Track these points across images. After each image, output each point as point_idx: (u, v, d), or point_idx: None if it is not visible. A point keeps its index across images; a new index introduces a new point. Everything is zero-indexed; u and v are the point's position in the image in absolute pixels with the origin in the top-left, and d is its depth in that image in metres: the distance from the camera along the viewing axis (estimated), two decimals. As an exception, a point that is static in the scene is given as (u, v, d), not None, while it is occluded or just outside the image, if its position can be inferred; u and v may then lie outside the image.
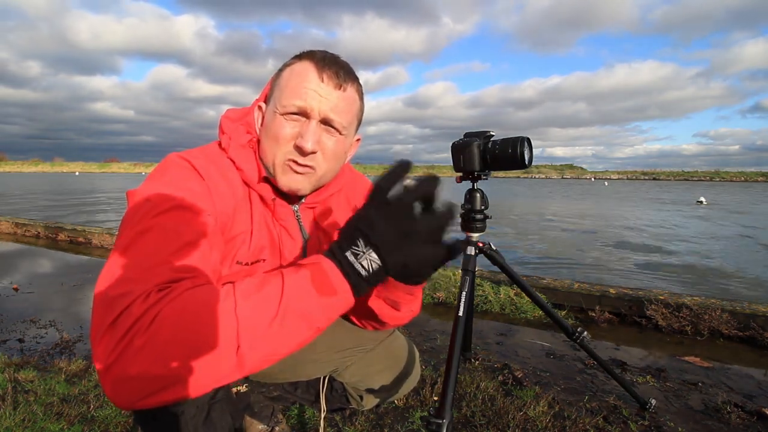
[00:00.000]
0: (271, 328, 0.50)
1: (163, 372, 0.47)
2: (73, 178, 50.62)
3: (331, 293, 0.53)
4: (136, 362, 0.46)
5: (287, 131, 0.72)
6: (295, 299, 0.51)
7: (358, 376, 1.02)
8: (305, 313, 0.52)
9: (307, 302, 0.52)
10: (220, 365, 0.48)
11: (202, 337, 0.48)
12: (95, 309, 0.52)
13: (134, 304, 0.48)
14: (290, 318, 0.51)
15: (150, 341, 0.46)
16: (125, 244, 0.56)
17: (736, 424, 1.42)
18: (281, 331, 0.51)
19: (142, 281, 0.51)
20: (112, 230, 4.87)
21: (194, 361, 0.47)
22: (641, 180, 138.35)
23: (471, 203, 1.30)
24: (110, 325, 0.48)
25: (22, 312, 2.51)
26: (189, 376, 0.47)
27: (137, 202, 0.62)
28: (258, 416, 1.17)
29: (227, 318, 0.49)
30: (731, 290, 3.50)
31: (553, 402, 1.52)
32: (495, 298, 2.70)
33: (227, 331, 0.48)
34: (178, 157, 0.71)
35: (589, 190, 31.80)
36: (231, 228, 0.72)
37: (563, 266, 4.39)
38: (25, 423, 1.32)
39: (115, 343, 0.47)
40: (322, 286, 0.52)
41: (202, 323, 0.48)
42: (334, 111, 0.73)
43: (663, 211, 11.99)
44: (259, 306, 0.50)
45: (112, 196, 14.96)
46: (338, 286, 0.53)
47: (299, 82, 0.72)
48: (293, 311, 0.51)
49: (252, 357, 0.49)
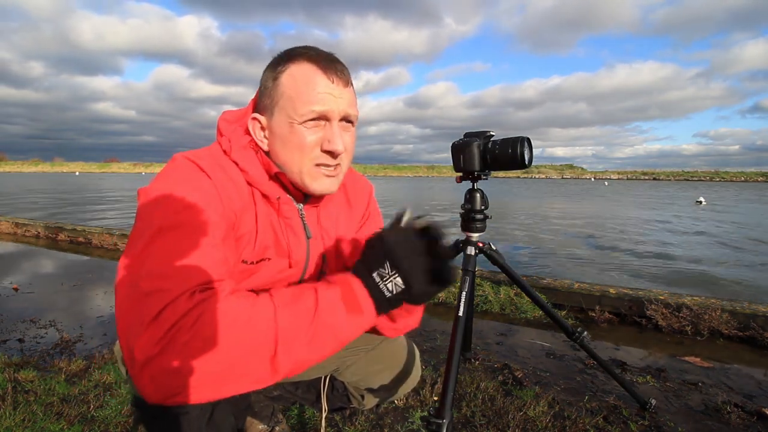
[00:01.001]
0: (305, 338, 0.54)
1: (202, 369, 0.48)
2: (74, 178, 50.63)
3: (358, 312, 0.58)
4: (179, 357, 0.48)
5: (311, 138, 0.73)
6: (327, 314, 0.56)
7: (359, 376, 1.02)
8: (334, 328, 0.56)
9: (337, 318, 0.56)
10: (257, 369, 0.51)
11: (243, 340, 0.50)
12: (125, 302, 0.53)
13: (178, 302, 0.50)
14: (322, 331, 0.55)
15: (194, 338, 0.48)
16: (147, 241, 0.57)
17: (736, 424, 1.42)
18: (313, 343, 0.54)
19: (178, 280, 0.53)
20: (112, 230, 4.87)
21: (233, 363, 0.49)
22: (641, 180, 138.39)
23: (471, 203, 1.30)
24: (153, 319, 0.50)
25: (22, 312, 2.51)
26: (226, 376, 0.49)
27: (153, 199, 0.63)
28: (258, 416, 1.17)
29: (267, 324, 0.52)
30: (729, 290, 3.50)
31: (553, 402, 1.52)
32: (495, 298, 2.70)
33: (266, 337, 0.51)
34: (185, 158, 0.71)
35: (589, 190, 31.80)
36: (238, 227, 0.73)
37: (562, 267, 4.39)
38: (25, 423, 1.32)
39: (160, 336, 0.48)
40: (351, 304, 0.58)
41: (244, 327, 0.50)
42: (350, 107, 0.75)
43: (663, 212, 11.99)
44: (295, 317, 0.54)
45: (119, 195, 14.97)
46: (364, 305, 0.59)
47: (310, 88, 0.71)
48: (324, 325, 0.55)
49: (285, 364, 0.52)
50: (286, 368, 0.53)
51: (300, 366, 0.54)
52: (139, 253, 0.56)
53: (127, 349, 0.51)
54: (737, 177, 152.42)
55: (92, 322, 2.36)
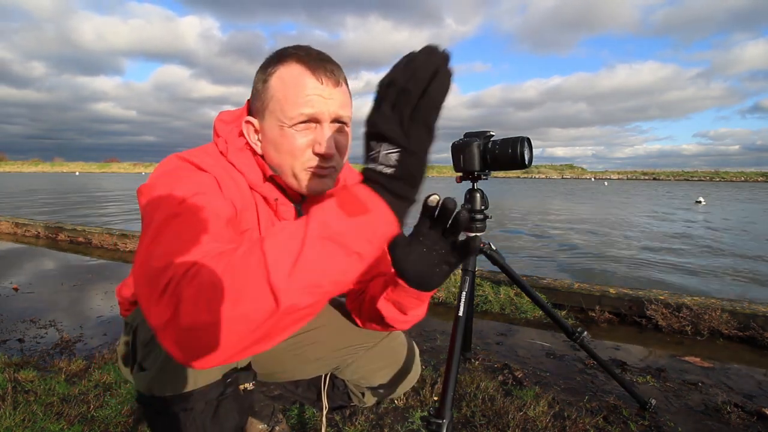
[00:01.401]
0: (300, 256, 0.47)
1: (212, 318, 0.47)
2: (74, 178, 50.62)
3: (363, 211, 0.49)
4: (188, 313, 0.48)
5: (301, 142, 0.72)
6: (321, 225, 0.48)
7: (360, 374, 1.02)
8: (335, 237, 0.48)
9: (337, 225, 0.48)
10: (258, 300, 0.47)
11: (237, 276, 0.48)
12: (142, 285, 0.54)
13: (178, 270, 0.51)
14: (319, 244, 0.48)
15: (197, 291, 0.48)
16: (155, 230, 0.58)
17: (736, 424, 1.42)
18: (312, 259, 0.47)
19: (183, 256, 0.53)
20: (112, 230, 4.87)
21: (235, 302, 0.47)
22: (641, 180, 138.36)
23: (471, 203, 1.30)
24: (163, 289, 0.50)
25: (22, 312, 2.51)
26: (234, 318, 0.48)
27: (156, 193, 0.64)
28: (258, 415, 1.17)
29: (253, 254, 0.48)
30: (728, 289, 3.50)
31: (553, 402, 1.52)
32: (495, 298, 2.70)
33: (255, 266, 0.48)
34: (180, 158, 0.72)
35: (589, 190, 31.80)
36: (240, 222, 0.73)
37: (562, 265, 4.39)
38: (25, 423, 1.32)
39: (167, 301, 0.49)
40: (351, 206, 0.49)
41: (234, 265, 0.49)
42: (342, 108, 0.73)
43: (662, 211, 11.99)
44: (283, 239, 0.49)
45: (119, 195, 14.97)
46: (369, 201, 0.49)
47: (298, 90, 0.71)
48: (321, 237, 0.48)
49: (287, 288, 0.47)
50: (289, 293, 0.47)
51: (311, 288, 0.48)
52: (150, 242, 0.57)
53: (150, 325, 0.52)
54: (737, 177, 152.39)
55: (92, 322, 2.36)
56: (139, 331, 0.78)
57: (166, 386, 0.72)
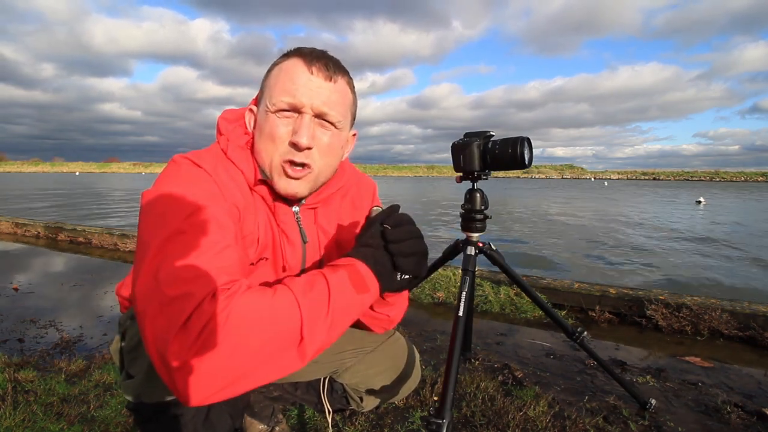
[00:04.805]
0: (325, 322, 0.57)
1: (236, 365, 0.51)
2: (74, 178, 50.60)
3: (365, 290, 0.63)
4: (212, 357, 0.49)
5: (281, 129, 0.71)
6: (339, 296, 0.60)
7: (359, 378, 1.01)
8: (347, 308, 0.61)
9: (349, 299, 0.61)
10: (287, 356, 0.54)
11: (271, 332, 0.53)
12: (150, 309, 0.53)
13: (204, 304, 0.52)
14: (338, 312, 0.59)
15: (226, 338, 0.50)
16: (159, 245, 0.57)
17: (736, 424, 1.42)
18: (332, 325, 0.58)
19: (201, 283, 0.54)
20: (112, 230, 4.87)
21: (264, 353, 0.52)
22: (641, 180, 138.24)
23: (471, 203, 1.30)
24: (183, 325, 0.51)
25: (22, 312, 2.51)
26: (259, 367, 0.52)
27: (160, 203, 0.63)
28: (258, 416, 1.17)
29: (292, 313, 0.55)
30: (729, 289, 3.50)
31: (553, 402, 1.52)
32: (495, 298, 2.70)
33: (292, 325, 0.55)
34: (185, 158, 0.71)
35: (589, 190, 31.77)
36: (242, 227, 0.72)
37: (561, 266, 4.39)
38: (25, 423, 1.32)
39: (192, 340, 0.50)
40: (358, 284, 0.63)
41: (270, 320, 0.53)
42: (327, 104, 0.72)
43: (662, 212, 11.98)
44: (315, 303, 0.57)
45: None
46: (370, 283, 0.64)
47: (288, 78, 0.71)
48: (339, 307, 0.59)
49: (310, 349, 0.56)
50: (310, 352, 0.56)
51: (322, 349, 0.58)
52: (153, 257, 0.56)
53: (158, 356, 0.51)
54: (737, 177, 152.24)
55: (92, 322, 2.36)
56: (126, 337, 0.77)
57: (154, 392, 0.71)
